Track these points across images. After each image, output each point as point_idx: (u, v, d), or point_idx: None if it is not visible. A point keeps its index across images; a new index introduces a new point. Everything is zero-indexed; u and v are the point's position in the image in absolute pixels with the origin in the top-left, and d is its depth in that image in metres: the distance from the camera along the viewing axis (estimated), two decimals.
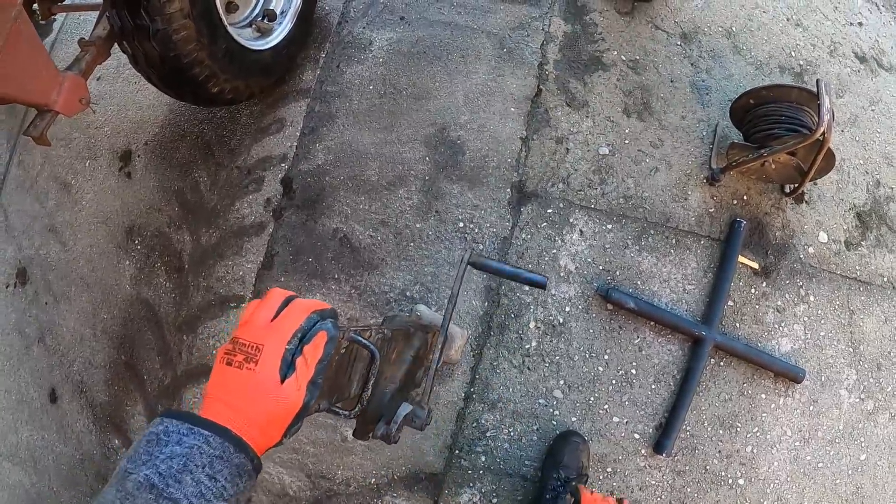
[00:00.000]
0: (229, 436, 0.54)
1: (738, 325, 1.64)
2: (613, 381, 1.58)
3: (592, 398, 1.57)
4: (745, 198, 1.73)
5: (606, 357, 1.59)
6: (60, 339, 1.95)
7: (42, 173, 2.15)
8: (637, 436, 1.56)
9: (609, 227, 1.67)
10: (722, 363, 1.62)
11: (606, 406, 1.57)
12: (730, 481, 1.57)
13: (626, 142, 1.74)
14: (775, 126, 1.54)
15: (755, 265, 1.68)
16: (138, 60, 1.48)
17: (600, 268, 1.64)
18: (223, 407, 0.56)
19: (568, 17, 1.86)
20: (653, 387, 1.59)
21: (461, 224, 1.65)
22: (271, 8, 1.74)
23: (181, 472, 0.50)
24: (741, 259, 1.66)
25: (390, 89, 1.77)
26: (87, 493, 1.84)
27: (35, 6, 1.64)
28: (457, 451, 1.55)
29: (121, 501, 0.48)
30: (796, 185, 1.62)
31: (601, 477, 1.54)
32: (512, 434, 1.56)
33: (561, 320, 1.60)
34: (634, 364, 1.59)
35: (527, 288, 1.62)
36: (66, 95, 1.41)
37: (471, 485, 1.54)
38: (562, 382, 1.58)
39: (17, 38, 1.27)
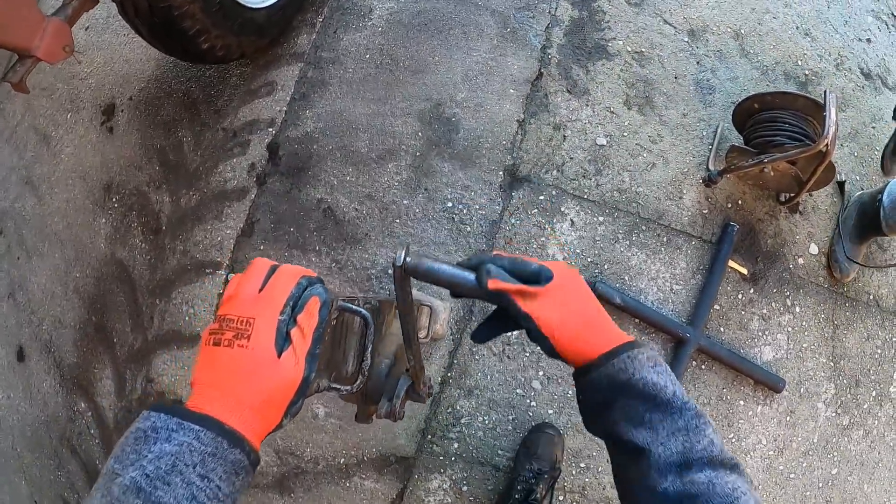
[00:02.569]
0: (222, 430, 0.49)
1: (722, 329, 1.62)
2: None
3: (571, 391, 1.55)
4: (739, 202, 1.70)
5: None
6: (31, 295, 1.89)
7: (22, 123, 2.07)
8: None
9: (601, 219, 1.63)
10: (703, 366, 1.60)
11: None
12: None
13: (625, 134, 1.71)
14: (778, 133, 1.51)
15: (744, 271, 1.66)
16: (127, 10, 1.41)
17: (588, 260, 1.61)
18: (214, 392, 0.51)
19: (576, 2, 1.81)
20: None
21: (450, 204, 1.61)
22: None
23: (169, 474, 0.45)
24: (731, 263, 1.64)
25: (387, 60, 1.72)
26: (51, 455, 1.78)
27: None
28: (429, 437, 1.52)
29: None
30: (793, 195, 1.60)
31: (574, 472, 1.52)
32: (487, 422, 1.53)
33: None
34: None
35: None
36: (49, 41, 1.34)
37: (441, 471, 1.51)
38: (541, 374, 1.55)
39: None
